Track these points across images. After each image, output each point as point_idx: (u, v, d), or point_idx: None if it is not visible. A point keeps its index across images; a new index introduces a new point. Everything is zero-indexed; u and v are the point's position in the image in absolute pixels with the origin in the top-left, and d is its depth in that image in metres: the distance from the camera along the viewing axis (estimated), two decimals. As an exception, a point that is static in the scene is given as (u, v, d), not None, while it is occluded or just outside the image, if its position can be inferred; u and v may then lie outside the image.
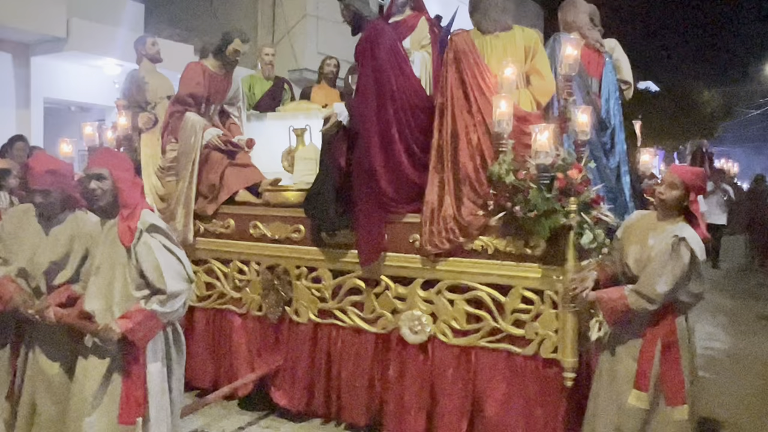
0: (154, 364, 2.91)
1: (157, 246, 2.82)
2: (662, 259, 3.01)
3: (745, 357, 6.12)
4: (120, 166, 2.94)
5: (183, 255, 2.95)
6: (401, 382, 4.01)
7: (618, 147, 4.57)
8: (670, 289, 2.96)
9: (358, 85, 4.05)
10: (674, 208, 3.11)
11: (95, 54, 8.80)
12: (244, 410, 4.52)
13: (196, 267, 4.71)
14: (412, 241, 3.95)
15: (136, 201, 2.89)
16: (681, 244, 2.95)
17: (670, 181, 3.10)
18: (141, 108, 5.34)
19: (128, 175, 2.94)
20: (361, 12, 4.25)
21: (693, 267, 2.98)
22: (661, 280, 2.96)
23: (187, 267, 2.93)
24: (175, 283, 2.81)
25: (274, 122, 5.60)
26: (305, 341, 4.33)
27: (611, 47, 4.81)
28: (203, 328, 4.77)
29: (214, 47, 5.08)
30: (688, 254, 2.95)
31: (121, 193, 2.85)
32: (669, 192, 3.08)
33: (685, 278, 2.98)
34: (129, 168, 3.02)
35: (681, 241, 2.96)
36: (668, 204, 3.12)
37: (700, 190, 3.16)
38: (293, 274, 4.33)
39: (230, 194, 4.68)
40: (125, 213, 2.84)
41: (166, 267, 2.79)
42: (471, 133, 3.82)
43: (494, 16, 4.05)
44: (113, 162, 2.95)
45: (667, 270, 2.97)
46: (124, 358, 2.82)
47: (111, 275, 2.85)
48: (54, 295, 2.93)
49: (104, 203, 2.87)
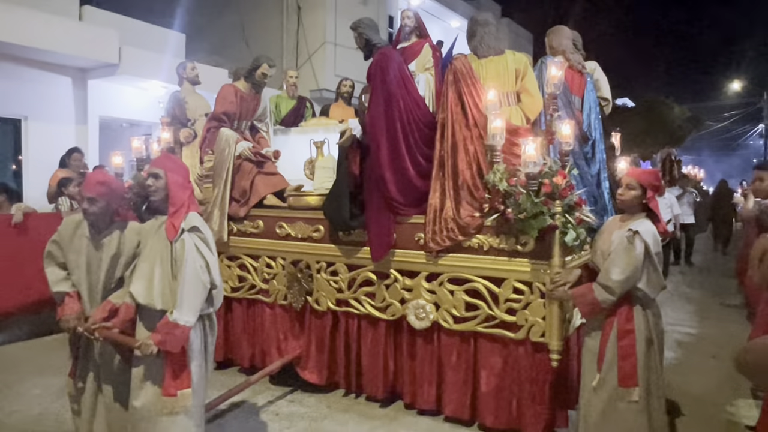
0: (196, 343, 2.91)
1: (190, 247, 2.80)
2: (617, 251, 2.97)
3: (711, 339, 6.08)
4: (174, 170, 2.95)
5: (213, 261, 2.88)
6: (413, 360, 4.03)
7: (598, 156, 4.54)
8: (625, 278, 2.89)
9: (369, 104, 4.05)
10: (635, 207, 3.06)
11: (143, 77, 8.85)
12: (274, 386, 4.54)
13: (230, 262, 4.74)
14: (417, 239, 3.95)
15: (182, 201, 2.89)
16: (635, 237, 2.91)
17: (627, 183, 3.08)
18: (182, 124, 5.37)
19: (179, 179, 2.94)
20: (372, 39, 4.25)
21: (647, 258, 2.92)
22: (616, 269, 2.91)
23: (214, 273, 2.86)
24: (191, 288, 2.76)
25: (297, 136, 5.61)
26: (325, 327, 4.35)
27: (592, 68, 4.79)
28: (239, 315, 4.80)
29: (245, 71, 5.10)
30: (641, 245, 2.89)
31: (171, 192, 2.88)
32: (627, 192, 3.06)
33: (638, 268, 2.90)
34: (182, 172, 3.01)
35: (635, 234, 2.91)
36: (627, 203, 3.08)
37: (655, 188, 3.06)
38: (314, 268, 4.34)
39: (259, 199, 4.69)
40: (172, 210, 2.86)
41: (190, 269, 2.76)
42: (469, 144, 3.81)
43: (488, 43, 4.05)
44: (168, 165, 2.96)
45: (621, 260, 2.92)
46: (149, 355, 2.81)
47: (154, 262, 2.85)
48: (98, 311, 2.89)
49: (157, 198, 2.91)
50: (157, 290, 2.81)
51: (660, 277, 2.98)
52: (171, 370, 2.79)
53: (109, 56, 8.28)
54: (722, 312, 7.42)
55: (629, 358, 2.95)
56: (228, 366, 4.94)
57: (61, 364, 4.05)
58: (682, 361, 5.33)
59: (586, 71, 4.61)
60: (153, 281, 2.83)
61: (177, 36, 10.23)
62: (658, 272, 2.96)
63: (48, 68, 8.33)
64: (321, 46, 12.90)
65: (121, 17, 9.30)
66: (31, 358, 5.13)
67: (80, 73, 8.77)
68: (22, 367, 4.89)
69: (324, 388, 4.40)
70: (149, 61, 8.78)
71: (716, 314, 7.28)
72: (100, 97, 9.03)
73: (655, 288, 2.98)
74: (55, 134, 8.35)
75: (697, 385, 4.68)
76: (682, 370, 5.05)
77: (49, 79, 8.39)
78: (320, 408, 4.13)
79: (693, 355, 5.50)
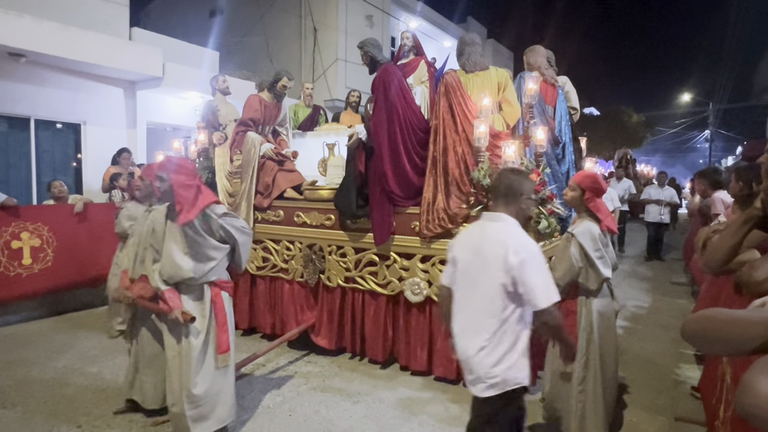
0: (229, 312, 2.95)
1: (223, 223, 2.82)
2: (558, 251, 2.90)
3: (662, 312, 6.06)
4: (176, 171, 2.79)
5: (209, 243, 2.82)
6: (408, 329, 4.02)
7: (567, 157, 4.50)
8: (562, 275, 2.78)
9: (373, 112, 4.01)
10: (579, 206, 2.91)
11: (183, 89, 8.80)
12: (292, 349, 4.54)
13: (256, 245, 4.73)
14: (413, 227, 3.93)
15: (187, 199, 2.75)
16: (572, 239, 2.80)
17: (570, 185, 2.96)
18: (215, 128, 5.34)
19: (182, 178, 2.78)
20: (376, 57, 4.21)
21: (583, 257, 2.78)
22: (558, 269, 2.82)
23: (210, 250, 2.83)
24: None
25: (313, 139, 5.57)
26: (335, 300, 4.34)
27: (563, 82, 4.73)
28: (263, 290, 4.79)
29: (268, 83, 5.07)
30: (575, 247, 2.78)
31: (176, 192, 2.77)
32: (569, 193, 2.93)
33: (574, 266, 2.78)
34: (184, 171, 2.81)
35: (572, 237, 2.81)
36: (569, 203, 2.97)
37: (594, 190, 2.85)
38: (326, 250, 4.33)
39: (280, 192, 4.67)
40: (179, 209, 2.76)
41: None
42: (457, 146, 3.78)
43: (475, 60, 4.00)
44: (170, 168, 2.81)
45: (560, 260, 2.84)
46: (216, 313, 2.87)
47: (165, 243, 2.86)
48: (138, 285, 2.95)
49: (165, 200, 2.87)
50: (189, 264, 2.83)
51: (599, 272, 2.80)
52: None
53: (154, 71, 8.24)
54: (671, 289, 7.40)
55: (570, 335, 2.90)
56: (252, 333, 4.95)
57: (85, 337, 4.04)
58: (637, 330, 5.31)
59: (558, 84, 4.56)
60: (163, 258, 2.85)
61: (212, 53, 10.16)
62: (595, 268, 2.79)
63: (103, 81, 8.30)
64: (333, 62, 12.81)
65: (165, 37, 9.24)
66: (67, 330, 5.15)
67: (130, 85, 8.73)
68: (58, 338, 4.91)
69: (333, 352, 4.40)
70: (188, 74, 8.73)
71: (666, 291, 7.25)
72: (147, 105, 9.00)
73: (594, 281, 2.83)
74: (109, 137, 8.33)
75: (649, 351, 4.67)
76: (636, 338, 5.03)
77: (104, 90, 8.36)
78: (332, 368, 4.14)
79: (646, 325, 5.49)
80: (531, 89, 3.85)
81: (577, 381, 2.87)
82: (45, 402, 3.42)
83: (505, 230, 2.00)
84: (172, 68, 8.47)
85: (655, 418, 3.35)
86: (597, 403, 2.86)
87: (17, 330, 5.02)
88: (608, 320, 2.93)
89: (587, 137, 5.42)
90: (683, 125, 32.86)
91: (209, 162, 5.12)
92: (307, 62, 13.14)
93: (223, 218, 2.86)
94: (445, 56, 4.56)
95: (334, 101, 12.33)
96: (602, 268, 2.80)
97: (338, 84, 12.68)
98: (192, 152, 5.32)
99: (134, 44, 8.34)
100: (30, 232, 5.17)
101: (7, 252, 5.01)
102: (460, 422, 3.24)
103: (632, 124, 23.37)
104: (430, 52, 4.96)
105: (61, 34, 7.01)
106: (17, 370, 3.97)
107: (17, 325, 5.17)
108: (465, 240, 2.14)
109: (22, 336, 4.82)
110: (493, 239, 1.99)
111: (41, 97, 7.56)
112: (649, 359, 4.45)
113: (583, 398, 2.87)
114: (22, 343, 4.60)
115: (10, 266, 5.03)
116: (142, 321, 3.15)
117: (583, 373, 2.87)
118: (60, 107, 7.83)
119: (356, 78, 12.34)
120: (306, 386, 3.78)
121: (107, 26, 8.09)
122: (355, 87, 7.89)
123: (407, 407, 3.45)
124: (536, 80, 3.96)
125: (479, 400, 2.05)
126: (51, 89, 7.65)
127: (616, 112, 23.85)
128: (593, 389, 2.86)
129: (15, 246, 5.07)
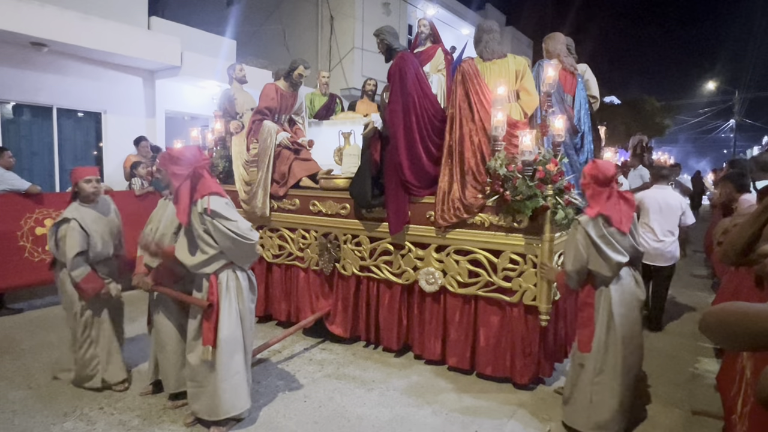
0: (227, 309, 2.88)
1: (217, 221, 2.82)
2: (567, 240, 2.90)
3: (681, 304, 5.97)
4: (171, 161, 2.84)
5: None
6: (422, 318, 4.03)
7: (586, 147, 4.42)
8: (572, 262, 2.82)
9: (389, 100, 3.98)
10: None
11: (201, 77, 8.87)
12: (307, 337, 4.59)
13: (272, 233, 4.77)
14: (428, 216, 3.91)
15: (175, 188, 2.83)
16: (578, 227, 2.82)
17: (582, 174, 2.98)
18: (232, 117, 5.36)
19: (174, 168, 2.81)
20: (392, 45, 4.17)
21: (589, 243, 2.76)
22: (568, 258, 2.84)
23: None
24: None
25: (328, 128, 5.57)
26: (350, 289, 4.35)
27: (583, 70, 4.63)
28: (279, 278, 4.84)
29: (284, 72, 5.06)
30: (581, 233, 2.79)
31: (171, 183, 2.88)
32: (581, 182, 2.97)
33: (581, 253, 2.77)
34: (178, 161, 2.82)
35: (578, 224, 2.83)
36: (583, 192, 2.99)
37: (592, 176, 2.85)
38: (341, 239, 4.34)
39: (296, 181, 4.69)
40: (174, 198, 2.87)
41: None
42: (474, 136, 3.73)
43: (492, 47, 3.93)
44: (163, 161, 2.90)
45: (569, 249, 2.85)
46: (205, 309, 2.86)
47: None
48: (153, 273, 3.09)
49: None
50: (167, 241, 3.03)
51: (608, 257, 2.74)
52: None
53: (173, 60, 8.31)
54: (691, 281, 7.27)
55: (587, 327, 2.88)
56: (268, 320, 5.01)
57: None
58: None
59: (578, 72, 4.46)
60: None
61: (229, 42, 10.19)
62: (603, 254, 2.75)
63: (123, 70, 8.40)
64: (350, 51, 12.74)
65: (183, 26, 9.28)
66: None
67: (149, 74, 8.82)
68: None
69: (348, 340, 4.44)
70: (206, 63, 8.79)
71: (686, 283, 7.13)
72: (165, 94, 9.09)
73: (607, 268, 2.77)
74: (128, 125, 8.45)
75: (667, 343, 4.61)
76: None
77: (123, 79, 8.46)
78: (346, 355, 4.18)
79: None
80: (550, 77, 3.78)
81: (594, 372, 2.84)
82: (69, 384, 3.52)
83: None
84: (190, 57, 8.53)
85: (672, 411, 3.32)
86: (613, 398, 2.81)
87: (42, 314, 5.17)
88: (631, 310, 2.85)
89: (607, 126, 5.30)
90: (707, 114, 32.05)
91: (226, 151, 5.15)
92: (324, 51, 13.10)
93: (216, 218, 2.75)
94: (464, 44, 4.50)
95: (350, 90, 12.28)
96: (611, 253, 2.76)
97: (354, 72, 12.62)
98: (209, 141, 5.37)
99: (153, 33, 8.41)
100: (53, 218, 5.28)
101: (31, 238, 5.15)
102: (473, 411, 3.25)
103: (654, 111, 22.85)
104: (448, 40, 4.90)
105: (82, 24, 7.11)
106: (42, 352, 4.09)
107: (42, 309, 5.33)
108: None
109: (47, 320, 4.96)
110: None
111: (63, 86, 7.69)
112: (667, 352, 4.39)
113: (599, 390, 2.83)
114: (47, 327, 4.73)
115: (34, 252, 5.17)
116: (161, 307, 3.21)
117: (601, 364, 2.83)
118: (81, 96, 7.96)
119: (372, 66, 12.27)
120: (321, 373, 3.82)
121: (126, 15, 8.16)
122: (371, 75, 7.85)
123: (421, 395, 3.47)
124: (555, 68, 3.88)
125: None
126: (72, 78, 7.77)
127: (637, 101, 23.33)
128: (610, 383, 2.82)
129: (39, 232, 5.20)
